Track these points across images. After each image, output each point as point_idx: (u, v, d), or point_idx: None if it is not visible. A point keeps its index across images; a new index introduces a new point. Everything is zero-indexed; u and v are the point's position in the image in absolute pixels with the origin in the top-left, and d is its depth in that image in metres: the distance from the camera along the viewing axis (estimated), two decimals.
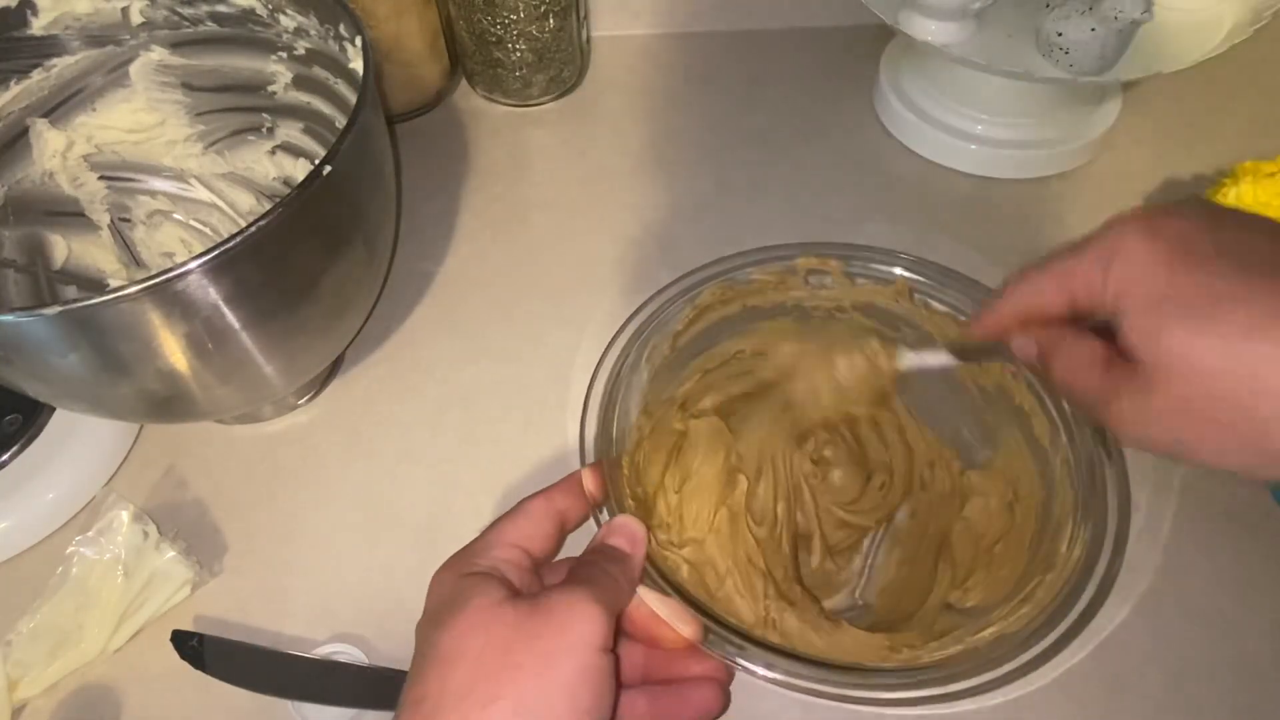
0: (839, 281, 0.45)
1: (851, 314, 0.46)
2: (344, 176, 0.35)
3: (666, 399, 0.46)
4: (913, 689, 0.33)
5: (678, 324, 0.45)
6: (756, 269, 0.46)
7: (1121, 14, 0.45)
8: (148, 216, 0.51)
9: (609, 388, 0.42)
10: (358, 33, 0.39)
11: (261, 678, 0.36)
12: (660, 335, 0.44)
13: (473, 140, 0.59)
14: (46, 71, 0.45)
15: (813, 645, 0.37)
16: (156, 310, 0.32)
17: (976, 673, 0.33)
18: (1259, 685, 0.36)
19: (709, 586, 0.40)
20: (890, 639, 0.37)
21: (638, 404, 0.43)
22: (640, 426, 0.43)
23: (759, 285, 0.46)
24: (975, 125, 0.55)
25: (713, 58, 0.64)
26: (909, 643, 0.37)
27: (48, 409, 0.43)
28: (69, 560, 0.38)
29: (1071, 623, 0.34)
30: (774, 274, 0.46)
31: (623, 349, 0.43)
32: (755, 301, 0.47)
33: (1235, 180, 0.45)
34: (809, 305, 0.47)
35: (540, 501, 0.34)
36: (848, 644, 0.37)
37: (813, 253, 0.46)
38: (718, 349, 0.47)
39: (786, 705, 0.38)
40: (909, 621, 0.40)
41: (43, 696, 0.37)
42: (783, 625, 0.38)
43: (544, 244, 0.53)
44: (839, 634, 0.38)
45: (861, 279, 0.46)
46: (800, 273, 0.46)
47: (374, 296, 0.45)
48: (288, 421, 0.46)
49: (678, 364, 0.46)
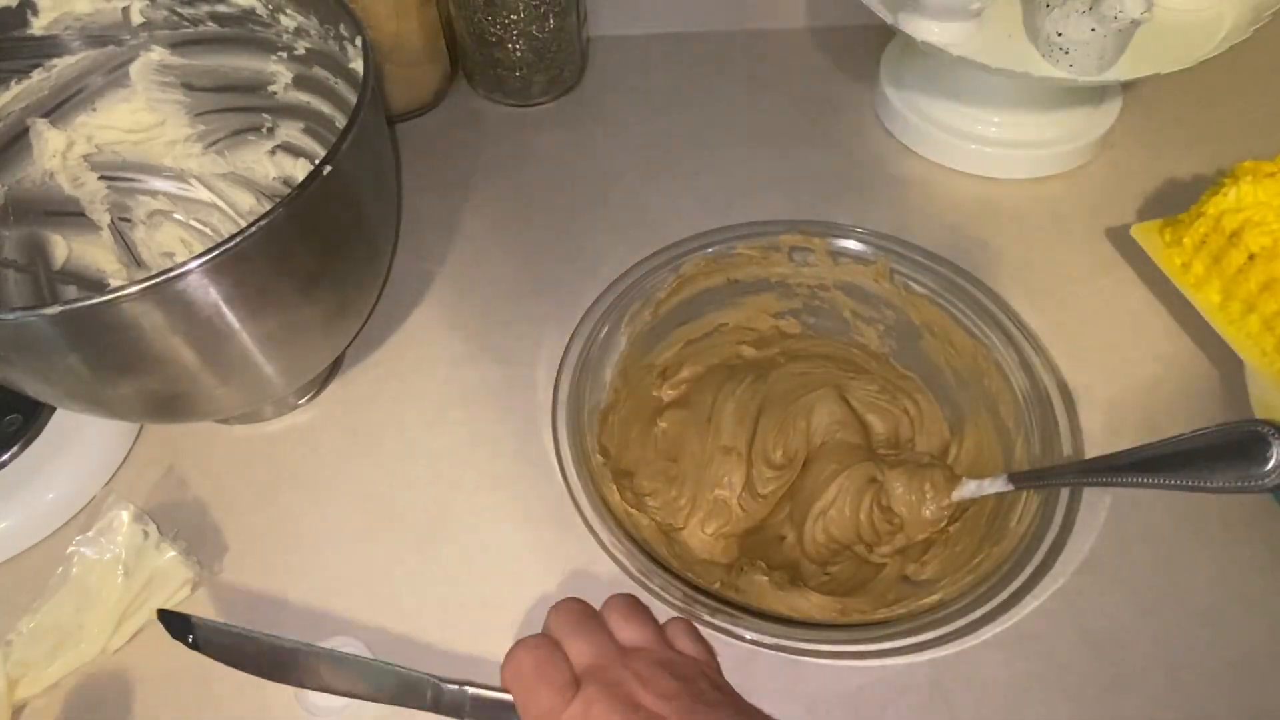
0: (822, 259, 0.46)
1: (834, 292, 0.47)
2: (344, 176, 0.35)
3: (645, 364, 0.46)
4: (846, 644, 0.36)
5: (661, 292, 0.46)
6: (742, 243, 0.47)
7: (1121, 14, 0.45)
8: (148, 216, 0.51)
9: (585, 348, 0.43)
10: (358, 33, 0.39)
11: (260, 663, 0.36)
12: (642, 302, 0.45)
13: (473, 140, 0.59)
14: (47, 71, 0.45)
15: (771, 605, 0.39)
16: (156, 310, 0.32)
17: (913, 633, 0.36)
18: (1259, 685, 0.36)
19: (678, 546, 0.42)
20: (843, 603, 0.38)
21: (615, 366, 0.44)
22: (617, 388, 0.44)
23: (743, 259, 0.47)
24: (975, 125, 0.55)
25: (713, 58, 0.64)
26: (859, 608, 0.38)
27: (48, 409, 0.43)
28: (69, 560, 0.38)
29: (1012, 592, 0.37)
30: (758, 249, 0.47)
31: (604, 313, 0.44)
32: (739, 275, 0.48)
33: (1235, 180, 0.45)
34: (792, 282, 0.47)
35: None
36: (803, 606, 0.39)
37: (797, 229, 0.47)
38: (702, 320, 0.48)
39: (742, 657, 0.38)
40: (864, 589, 0.41)
41: (43, 696, 0.37)
42: (744, 585, 0.40)
43: (544, 244, 0.53)
44: (796, 597, 0.39)
45: (844, 258, 0.46)
46: (784, 249, 0.47)
47: (374, 296, 0.45)
48: (288, 421, 0.46)
49: (660, 331, 0.47)
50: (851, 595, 0.40)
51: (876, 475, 0.42)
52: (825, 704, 0.36)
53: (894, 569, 0.42)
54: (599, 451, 0.43)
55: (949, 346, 0.45)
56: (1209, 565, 0.39)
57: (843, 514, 0.42)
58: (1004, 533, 0.39)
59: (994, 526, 0.40)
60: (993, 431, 0.43)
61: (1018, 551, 0.38)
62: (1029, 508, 0.39)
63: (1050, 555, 0.37)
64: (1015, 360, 0.43)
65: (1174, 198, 0.53)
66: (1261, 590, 0.39)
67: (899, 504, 0.42)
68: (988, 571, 0.38)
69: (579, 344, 0.44)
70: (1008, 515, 0.40)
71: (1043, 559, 0.37)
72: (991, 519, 0.41)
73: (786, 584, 0.40)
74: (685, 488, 0.45)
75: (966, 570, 0.39)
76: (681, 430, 0.46)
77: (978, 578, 0.38)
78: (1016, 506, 0.40)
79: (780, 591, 0.39)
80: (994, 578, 0.37)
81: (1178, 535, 0.40)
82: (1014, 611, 0.36)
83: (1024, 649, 0.37)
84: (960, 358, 0.45)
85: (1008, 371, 0.43)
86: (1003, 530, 0.39)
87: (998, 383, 0.43)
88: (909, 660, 0.37)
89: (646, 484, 0.45)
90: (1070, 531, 0.38)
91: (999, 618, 0.36)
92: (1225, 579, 0.39)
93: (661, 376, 0.47)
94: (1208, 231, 0.45)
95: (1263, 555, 0.40)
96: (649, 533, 0.41)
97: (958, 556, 0.40)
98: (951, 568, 0.40)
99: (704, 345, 0.49)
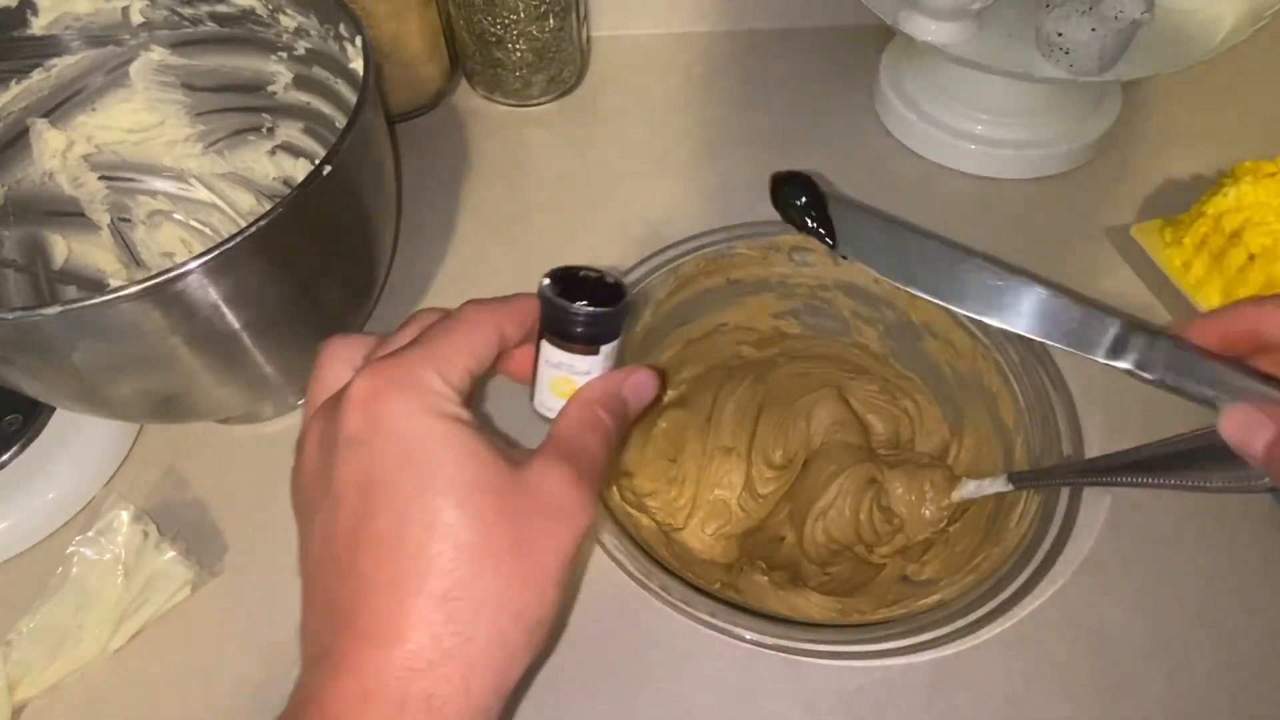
0: (821, 259, 0.46)
1: (833, 292, 0.47)
2: (344, 176, 0.35)
3: (645, 365, 0.47)
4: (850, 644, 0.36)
5: (661, 292, 0.46)
6: (741, 243, 0.47)
7: (1121, 14, 0.45)
8: (148, 216, 0.51)
9: None
10: (358, 33, 0.39)
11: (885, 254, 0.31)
12: (642, 302, 0.45)
13: (473, 140, 0.59)
14: (46, 71, 0.45)
15: (771, 606, 0.39)
16: (156, 310, 0.32)
17: (911, 634, 0.36)
18: (1259, 685, 0.36)
19: (678, 546, 0.42)
20: (843, 603, 0.39)
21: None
22: None
23: (743, 259, 0.47)
24: (975, 125, 0.55)
25: (713, 58, 0.64)
26: (859, 608, 0.39)
27: (48, 409, 0.43)
28: (69, 560, 0.38)
29: (1012, 593, 0.37)
30: (758, 249, 0.47)
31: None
32: (739, 275, 0.48)
33: (1235, 180, 0.45)
34: (792, 282, 0.47)
35: (486, 314, 0.29)
36: (803, 606, 0.39)
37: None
38: (702, 320, 0.48)
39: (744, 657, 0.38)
40: (864, 589, 0.41)
41: (43, 696, 0.37)
42: (744, 585, 0.40)
43: (544, 244, 0.53)
44: (796, 597, 0.39)
45: (844, 258, 0.47)
46: (784, 249, 0.47)
47: (374, 296, 0.45)
48: (288, 421, 0.46)
49: (660, 332, 0.47)
50: (851, 596, 0.40)
51: (876, 476, 0.42)
52: (825, 704, 0.36)
53: (894, 569, 0.42)
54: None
55: (949, 347, 0.45)
56: (1209, 565, 0.39)
57: (843, 514, 0.42)
58: (1004, 533, 0.39)
59: (994, 527, 0.40)
60: (993, 431, 0.43)
61: (1018, 551, 0.38)
62: (1029, 508, 0.39)
63: (1050, 555, 0.37)
64: (1015, 360, 0.43)
65: (1174, 198, 0.53)
66: (1261, 590, 0.39)
67: (899, 504, 0.42)
68: (988, 572, 0.38)
69: None
70: (1008, 515, 0.40)
71: (1043, 559, 0.37)
72: (991, 519, 0.41)
73: (786, 584, 0.40)
74: (685, 488, 0.45)
75: (967, 570, 0.39)
76: (681, 430, 0.46)
77: (978, 577, 0.38)
78: (1017, 506, 0.40)
79: (780, 591, 0.39)
80: (994, 577, 0.37)
81: (1178, 535, 0.40)
82: (1014, 612, 0.36)
83: (1024, 649, 0.37)
84: (960, 358, 0.45)
85: (1007, 371, 0.43)
86: (1003, 530, 0.39)
87: (997, 383, 0.43)
88: (909, 660, 0.37)
89: (646, 484, 0.45)
90: (1070, 532, 0.38)
91: (999, 618, 0.36)
92: (1225, 579, 0.39)
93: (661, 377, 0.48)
94: (1208, 231, 0.45)
95: (1263, 555, 0.40)
96: (649, 533, 0.41)
97: (958, 557, 0.40)
98: (951, 568, 0.40)
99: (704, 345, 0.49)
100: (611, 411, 0.29)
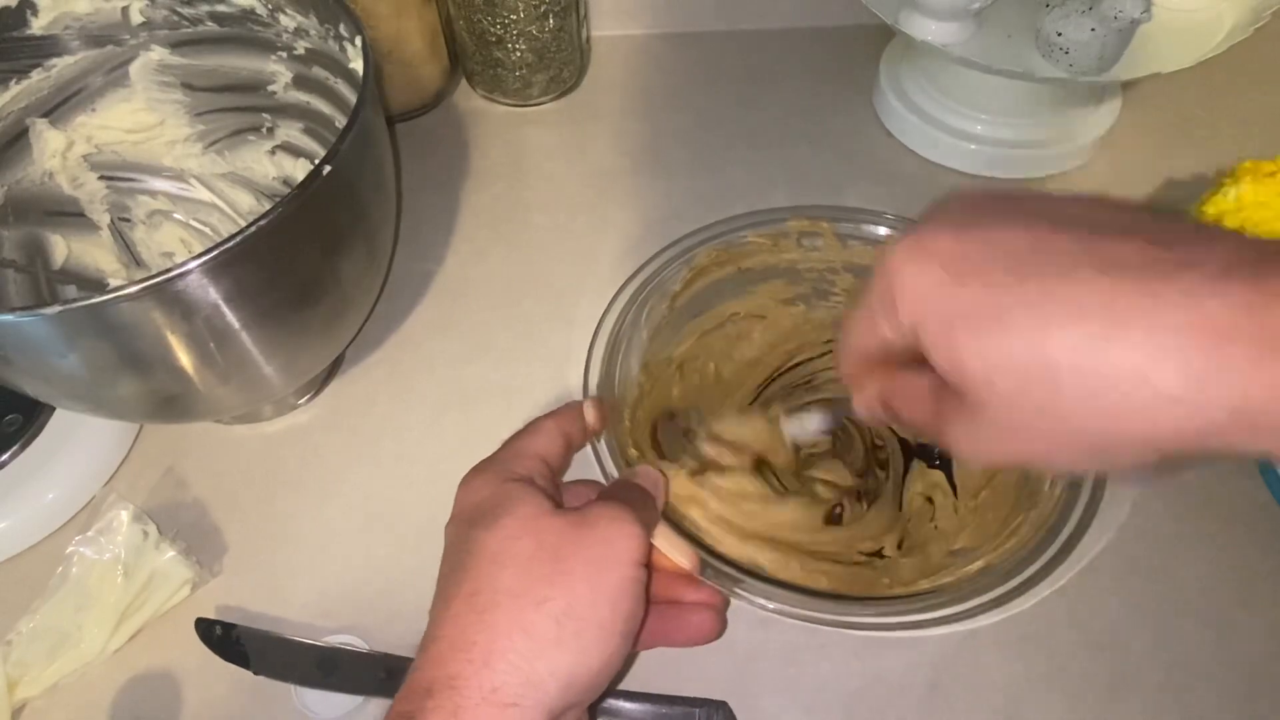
0: (830, 243, 0.46)
1: (842, 274, 0.48)
2: (344, 176, 0.35)
3: (664, 359, 0.47)
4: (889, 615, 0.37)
5: (675, 285, 0.46)
6: (751, 231, 0.47)
7: (1121, 14, 0.45)
8: (148, 216, 0.51)
9: (611, 341, 0.44)
10: (358, 32, 0.39)
11: (270, 662, 0.36)
12: (658, 296, 0.46)
13: (473, 140, 0.59)
14: (46, 71, 0.45)
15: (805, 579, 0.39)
16: (156, 310, 0.32)
17: (960, 600, 0.36)
18: (1259, 685, 0.36)
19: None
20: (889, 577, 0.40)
21: (638, 360, 0.45)
22: (641, 383, 0.45)
23: (753, 247, 0.48)
24: (975, 125, 0.55)
25: (713, 58, 0.64)
26: (902, 580, 0.39)
27: (48, 409, 0.43)
28: (69, 560, 0.38)
29: (1054, 553, 0.37)
30: (767, 236, 0.47)
31: (623, 308, 0.45)
32: (749, 264, 0.48)
33: (1235, 180, 0.45)
34: (801, 267, 0.48)
35: (551, 422, 0.36)
36: (845, 578, 0.40)
37: (804, 215, 0.47)
38: (714, 311, 0.48)
39: (784, 629, 0.38)
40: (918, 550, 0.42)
41: (43, 696, 0.37)
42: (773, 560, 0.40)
43: (544, 244, 0.53)
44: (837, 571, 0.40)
45: (852, 240, 0.47)
46: (793, 235, 0.47)
47: (374, 296, 0.45)
48: (288, 421, 0.46)
49: (676, 324, 0.47)
50: (909, 556, 0.41)
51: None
52: (825, 704, 0.36)
53: (937, 542, 0.42)
54: (633, 446, 0.43)
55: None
56: (1209, 565, 0.39)
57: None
58: (1039, 496, 0.40)
59: (1024, 491, 0.41)
60: None
61: (1054, 515, 0.38)
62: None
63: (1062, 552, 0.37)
64: None
65: (1174, 198, 0.53)
66: (1261, 590, 0.39)
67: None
68: (1028, 536, 0.38)
69: (603, 339, 0.45)
70: (1039, 479, 0.40)
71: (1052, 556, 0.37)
72: (1021, 485, 0.41)
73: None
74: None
75: (1006, 534, 0.39)
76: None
77: (1019, 541, 0.38)
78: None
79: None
80: (1034, 541, 0.38)
81: (1178, 535, 0.40)
82: (1014, 612, 0.36)
83: (1024, 649, 0.37)
84: None
85: None
86: (1036, 494, 0.40)
87: None
88: (909, 660, 0.37)
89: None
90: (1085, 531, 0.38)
91: (999, 618, 0.36)
92: (1225, 579, 0.39)
93: (679, 370, 0.48)
94: None
95: (1263, 555, 0.40)
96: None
97: (989, 524, 0.41)
98: (985, 535, 0.40)
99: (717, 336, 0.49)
100: (654, 485, 0.36)
